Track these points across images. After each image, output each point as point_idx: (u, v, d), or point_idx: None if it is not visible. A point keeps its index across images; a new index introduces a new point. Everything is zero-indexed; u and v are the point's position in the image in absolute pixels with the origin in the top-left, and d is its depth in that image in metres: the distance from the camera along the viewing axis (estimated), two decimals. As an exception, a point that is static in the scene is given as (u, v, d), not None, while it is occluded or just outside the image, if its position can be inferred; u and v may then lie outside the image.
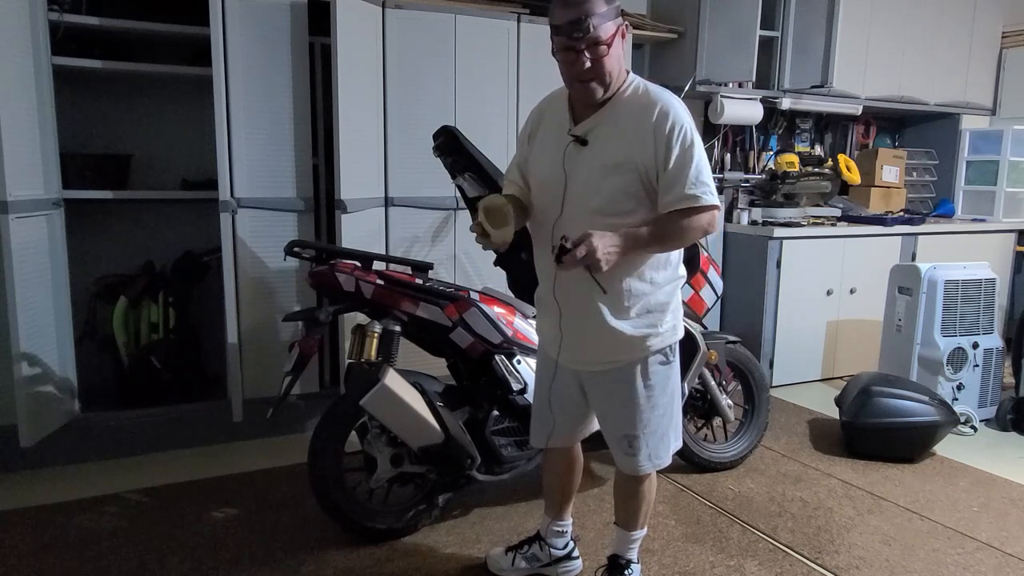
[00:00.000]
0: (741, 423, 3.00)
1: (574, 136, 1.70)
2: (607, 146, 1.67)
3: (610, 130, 1.67)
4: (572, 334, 1.82)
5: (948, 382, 3.50)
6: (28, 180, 2.61)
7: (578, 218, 1.70)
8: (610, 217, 1.66)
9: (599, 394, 1.87)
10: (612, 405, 1.85)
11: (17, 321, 2.54)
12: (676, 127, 1.62)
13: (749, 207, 4.34)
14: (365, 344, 2.17)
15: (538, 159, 1.81)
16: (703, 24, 3.93)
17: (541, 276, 1.89)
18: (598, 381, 1.85)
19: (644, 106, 1.65)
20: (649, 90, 1.69)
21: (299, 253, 2.26)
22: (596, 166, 1.68)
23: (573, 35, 1.58)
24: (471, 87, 3.30)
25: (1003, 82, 5.12)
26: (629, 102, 1.67)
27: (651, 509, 1.99)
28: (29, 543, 2.29)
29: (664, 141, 1.61)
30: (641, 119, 1.64)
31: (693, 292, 2.76)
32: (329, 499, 2.26)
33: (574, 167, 1.71)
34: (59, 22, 2.72)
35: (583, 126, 1.70)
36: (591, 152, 1.69)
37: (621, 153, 1.65)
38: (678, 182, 1.62)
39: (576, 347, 1.83)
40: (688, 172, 1.62)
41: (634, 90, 1.69)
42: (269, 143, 2.96)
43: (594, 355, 1.81)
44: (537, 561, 2.16)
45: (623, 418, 1.83)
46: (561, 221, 1.73)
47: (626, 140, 1.65)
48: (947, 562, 2.29)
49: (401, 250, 3.25)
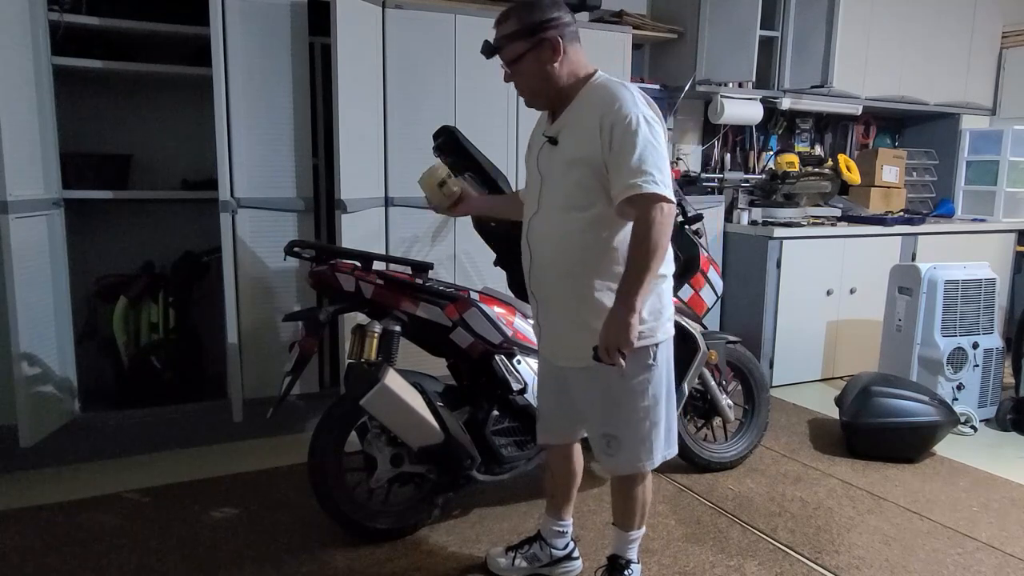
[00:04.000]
0: (741, 423, 3.00)
1: (547, 137, 1.80)
2: (569, 143, 1.75)
3: (571, 127, 1.76)
4: (549, 328, 1.87)
5: (948, 382, 3.50)
6: (28, 180, 2.61)
7: (549, 214, 1.80)
8: (572, 211, 1.75)
9: (580, 390, 1.90)
10: (592, 402, 1.87)
11: (17, 321, 2.54)
12: (621, 115, 1.64)
13: (749, 207, 4.34)
14: (365, 344, 2.17)
15: (528, 163, 1.94)
16: (703, 24, 3.93)
17: (525, 273, 1.93)
18: (578, 377, 1.87)
19: (596, 101, 1.71)
20: (605, 85, 1.74)
21: (299, 253, 2.26)
22: (560, 163, 1.77)
23: (489, 57, 1.77)
24: (471, 87, 3.30)
25: (1003, 82, 5.12)
26: (587, 102, 1.74)
27: (648, 509, 1.99)
28: (29, 543, 2.29)
29: (608, 130, 1.64)
30: (593, 113, 1.70)
31: (693, 292, 2.76)
32: (329, 499, 2.26)
33: (547, 166, 1.81)
34: (59, 22, 2.72)
35: (554, 127, 1.81)
36: (559, 150, 1.78)
37: (578, 149, 1.72)
38: (621, 171, 1.63)
39: (553, 342, 1.88)
40: (631, 160, 1.61)
41: (594, 89, 1.75)
42: (269, 143, 2.96)
43: (570, 350, 1.83)
44: (537, 561, 2.16)
45: (601, 416, 1.85)
46: (536, 217, 1.83)
47: (581, 135, 1.71)
48: (947, 562, 2.29)
49: (401, 250, 3.25)
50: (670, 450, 1.91)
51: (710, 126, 4.46)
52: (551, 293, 1.83)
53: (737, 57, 3.91)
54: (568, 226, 1.75)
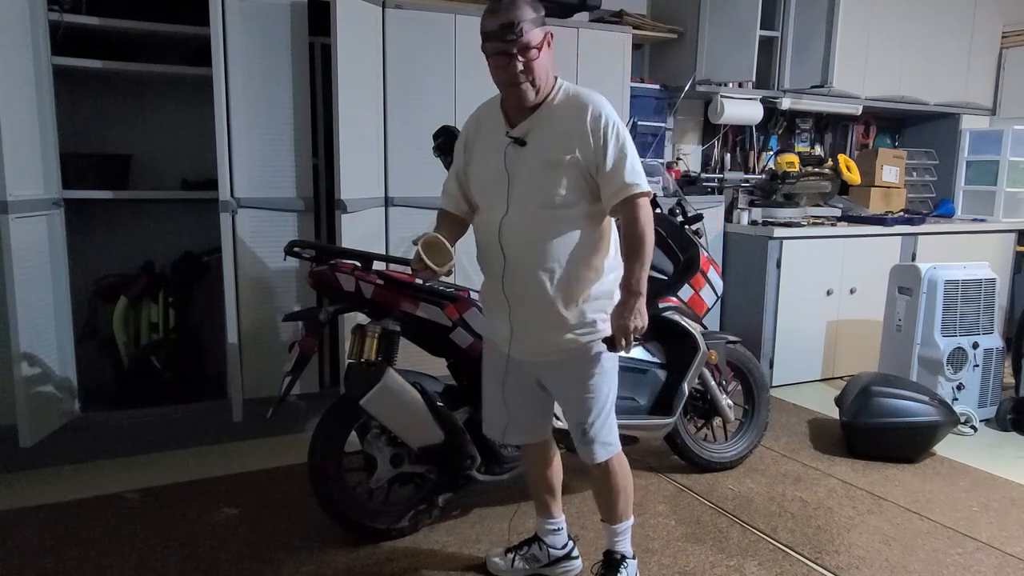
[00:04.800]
0: (741, 423, 3.00)
1: (513, 138, 1.79)
2: (546, 145, 1.77)
3: (547, 130, 1.77)
4: (524, 327, 1.86)
5: (948, 382, 3.50)
6: (28, 180, 2.61)
7: (524, 213, 1.79)
8: (554, 209, 1.76)
9: (557, 385, 1.92)
10: (570, 394, 1.90)
11: (17, 321, 2.55)
12: (609, 123, 1.75)
13: (749, 207, 4.34)
14: (365, 344, 2.17)
15: (478, 164, 1.90)
16: (703, 24, 3.93)
17: (488, 275, 1.92)
18: (554, 373, 1.90)
19: (577, 107, 1.77)
20: (579, 92, 1.80)
21: (299, 253, 2.25)
22: (536, 164, 1.77)
23: (506, 39, 1.67)
24: (471, 87, 3.29)
25: (1003, 82, 5.12)
26: (561, 104, 1.78)
27: (630, 500, 2.01)
28: (30, 543, 2.29)
29: (601, 137, 1.74)
30: (575, 118, 1.75)
31: (693, 292, 2.76)
32: (329, 499, 2.26)
33: (515, 166, 1.80)
34: (59, 22, 2.72)
35: (520, 128, 1.79)
36: (530, 151, 1.78)
37: (561, 150, 1.75)
38: (617, 174, 1.74)
39: (528, 340, 1.86)
40: (625, 165, 1.75)
41: (564, 93, 1.80)
42: (269, 143, 2.96)
43: (547, 345, 1.84)
44: (537, 562, 2.16)
45: (580, 406, 1.88)
46: (508, 218, 1.81)
47: (563, 138, 1.75)
48: (947, 562, 2.29)
49: (401, 250, 3.24)
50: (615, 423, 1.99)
51: (710, 126, 4.46)
52: (528, 292, 1.82)
53: (737, 57, 3.91)
54: (552, 224, 1.77)
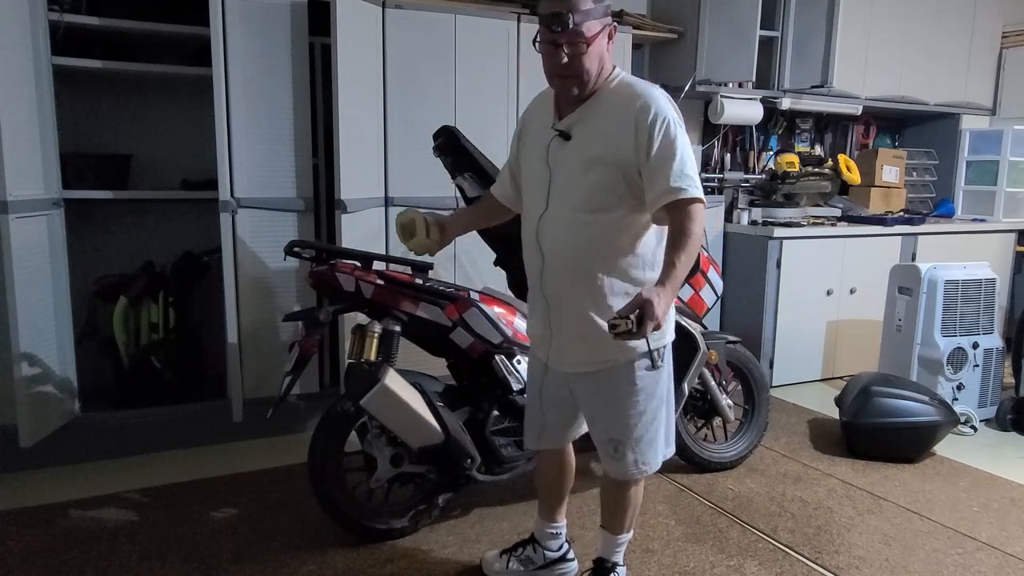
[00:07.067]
0: (741, 423, 3.00)
1: (558, 131, 1.71)
2: (588, 140, 1.67)
3: (592, 124, 1.67)
4: (560, 332, 1.80)
5: (948, 382, 3.50)
6: (28, 180, 2.61)
7: (560, 214, 1.71)
8: (591, 213, 1.67)
9: (586, 396, 1.85)
10: (598, 408, 1.83)
11: (17, 321, 2.54)
12: (659, 118, 1.59)
13: (749, 207, 4.34)
14: (365, 344, 2.17)
15: (527, 156, 1.83)
16: (703, 24, 3.93)
17: (529, 272, 1.86)
18: (585, 383, 1.83)
19: (627, 99, 1.64)
20: (633, 84, 1.68)
21: (299, 253, 2.26)
22: (577, 160, 1.68)
23: (552, 28, 1.59)
24: (471, 87, 3.30)
25: (1003, 82, 5.12)
26: (612, 96, 1.67)
27: (637, 513, 1.98)
28: (30, 543, 2.29)
29: (646, 132, 1.59)
30: (623, 112, 1.63)
31: (693, 292, 2.76)
32: (329, 499, 2.26)
33: (557, 162, 1.72)
34: (59, 22, 2.72)
35: (566, 120, 1.71)
36: (573, 146, 1.69)
37: (601, 147, 1.64)
38: (661, 174, 1.59)
39: (564, 347, 1.81)
40: (672, 164, 1.58)
41: (618, 84, 1.68)
42: (269, 143, 2.96)
43: (581, 355, 1.79)
44: (531, 564, 2.15)
45: (609, 421, 1.82)
46: (545, 216, 1.74)
47: (608, 134, 1.64)
48: (947, 562, 2.29)
49: (401, 250, 3.22)
50: (669, 449, 1.91)
51: (710, 126, 4.46)
52: (565, 295, 1.75)
53: (737, 57, 3.91)
54: (588, 230, 1.67)
